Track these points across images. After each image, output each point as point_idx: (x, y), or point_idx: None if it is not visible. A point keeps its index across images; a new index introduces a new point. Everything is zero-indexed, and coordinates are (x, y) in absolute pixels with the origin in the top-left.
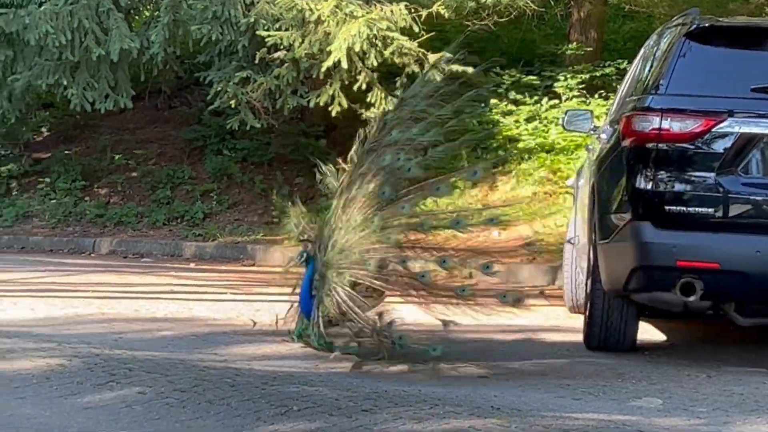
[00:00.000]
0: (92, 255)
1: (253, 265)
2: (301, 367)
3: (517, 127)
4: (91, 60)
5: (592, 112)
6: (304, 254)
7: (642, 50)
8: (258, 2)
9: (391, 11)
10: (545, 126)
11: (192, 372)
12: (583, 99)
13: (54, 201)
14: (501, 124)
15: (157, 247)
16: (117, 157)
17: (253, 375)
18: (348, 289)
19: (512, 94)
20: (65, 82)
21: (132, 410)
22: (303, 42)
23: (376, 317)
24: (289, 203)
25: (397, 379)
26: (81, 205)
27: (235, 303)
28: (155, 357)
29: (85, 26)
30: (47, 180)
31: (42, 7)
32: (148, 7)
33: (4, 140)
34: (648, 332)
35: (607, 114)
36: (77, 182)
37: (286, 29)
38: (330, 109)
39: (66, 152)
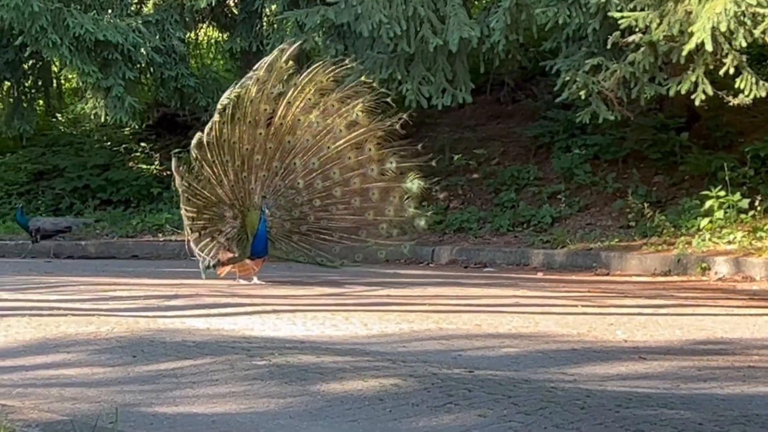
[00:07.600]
0: (431, 265)
1: (608, 274)
2: (660, 388)
3: None
4: (428, 51)
5: None
6: None
7: None
8: None
9: None
10: None
11: (538, 393)
12: None
13: None
14: None
15: (501, 255)
16: (456, 157)
17: (605, 396)
18: None
19: None
20: (400, 76)
21: None
22: (661, 23)
23: None
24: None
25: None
26: None
27: (587, 316)
28: (497, 376)
29: (421, 14)
30: None
31: None
32: None
33: None
34: None
35: None
36: None
37: (642, 9)
38: (693, 97)
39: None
